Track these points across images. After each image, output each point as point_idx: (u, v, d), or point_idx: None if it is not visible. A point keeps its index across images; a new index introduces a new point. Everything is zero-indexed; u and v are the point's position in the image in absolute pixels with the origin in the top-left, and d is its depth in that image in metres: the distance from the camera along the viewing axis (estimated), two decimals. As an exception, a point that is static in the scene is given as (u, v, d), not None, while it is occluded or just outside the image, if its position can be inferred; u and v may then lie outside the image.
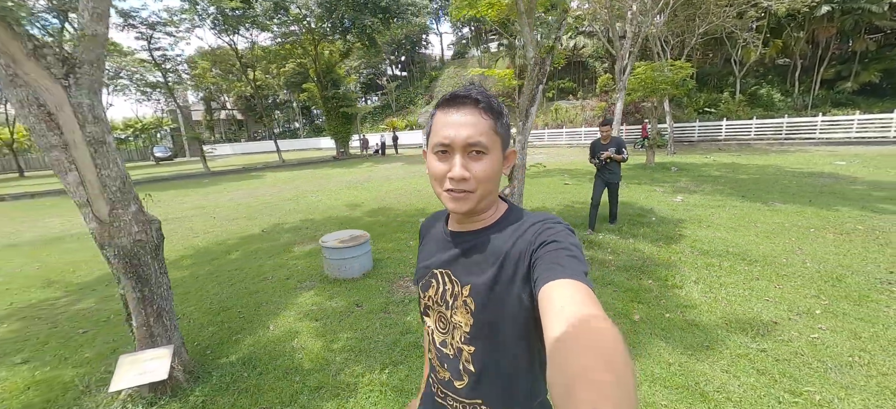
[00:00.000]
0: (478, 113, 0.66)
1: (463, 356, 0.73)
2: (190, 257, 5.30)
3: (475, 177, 0.66)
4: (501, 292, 0.67)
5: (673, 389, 2.09)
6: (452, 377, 0.76)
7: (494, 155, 0.67)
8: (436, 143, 0.68)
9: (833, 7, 17.86)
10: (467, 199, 0.67)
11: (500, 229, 0.71)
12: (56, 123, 2.04)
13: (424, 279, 0.80)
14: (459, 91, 0.68)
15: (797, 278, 3.39)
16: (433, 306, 0.79)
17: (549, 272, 0.56)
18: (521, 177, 5.65)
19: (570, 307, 0.47)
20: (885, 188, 6.97)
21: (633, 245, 4.49)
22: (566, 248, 0.60)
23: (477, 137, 0.65)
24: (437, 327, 0.79)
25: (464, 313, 0.72)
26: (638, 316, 2.86)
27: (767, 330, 2.61)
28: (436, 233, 0.83)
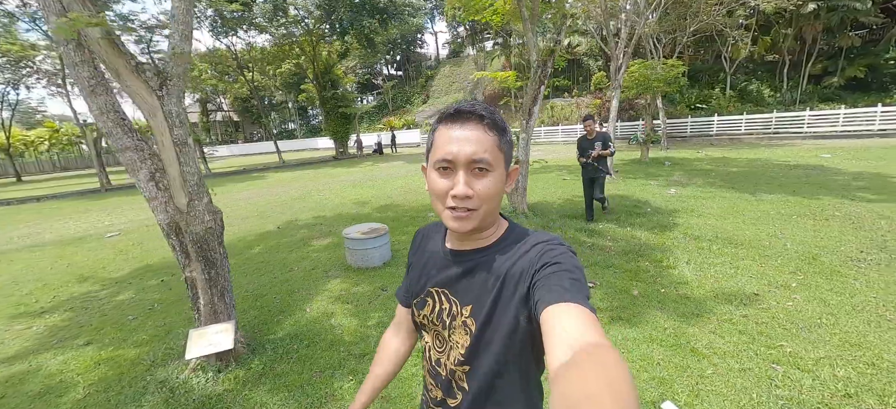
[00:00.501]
0: (482, 129, 0.65)
1: (456, 376, 0.73)
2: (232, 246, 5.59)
3: (478, 195, 0.65)
4: (502, 313, 0.67)
5: (668, 347, 2.46)
6: (445, 396, 0.76)
7: (498, 172, 0.66)
8: (438, 159, 0.66)
9: (819, 5, 18.40)
10: (470, 218, 0.66)
11: (502, 248, 0.71)
12: (129, 126, 2.37)
13: (419, 298, 0.79)
14: (463, 106, 0.67)
15: (777, 258, 3.78)
16: (429, 325, 0.78)
17: (551, 295, 0.56)
18: (525, 172, 6.03)
19: (574, 333, 0.47)
20: (864, 178, 7.42)
21: (630, 233, 4.86)
22: (568, 270, 0.59)
23: (481, 154, 0.64)
24: (433, 345, 0.78)
25: (462, 334, 0.71)
26: (636, 291, 3.23)
27: (749, 300, 2.99)
28: (433, 248, 0.81)
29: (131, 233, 7.41)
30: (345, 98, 24.53)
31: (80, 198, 14.30)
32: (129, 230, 7.65)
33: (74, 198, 14.39)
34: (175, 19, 2.11)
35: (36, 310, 4.00)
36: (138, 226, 8.01)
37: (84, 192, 15.63)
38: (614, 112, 9.30)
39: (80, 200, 13.76)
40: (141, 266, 5.25)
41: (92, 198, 13.98)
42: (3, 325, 3.68)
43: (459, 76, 41.03)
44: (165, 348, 2.93)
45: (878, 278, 3.23)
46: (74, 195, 15.04)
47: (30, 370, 2.84)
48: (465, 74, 41.24)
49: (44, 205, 13.05)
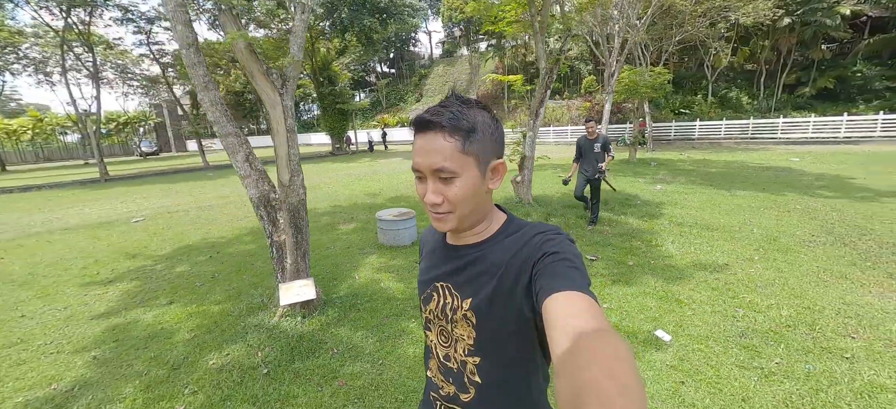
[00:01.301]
0: (442, 137, 0.64)
1: (468, 369, 0.74)
2: (249, 234, 6.11)
3: (449, 200, 0.66)
4: (502, 305, 0.67)
5: (657, 299, 3.16)
6: (458, 390, 0.76)
7: (466, 175, 0.66)
8: (412, 167, 0.69)
9: (793, 19, 19.69)
10: (447, 219, 0.68)
11: (500, 240, 0.72)
12: (230, 117, 2.94)
13: (426, 293, 0.80)
14: (424, 114, 0.66)
15: (745, 240, 4.55)
16: (434, 319, 0.79)
17: (553, 284, 0.56)
18: (530, 167, 6.72)
19: (576, 320, 0.48)
20: (825, 179, 8.37)
21: (624, 220, 5.60)
22: (568, 259, 0.60)
23: (441, 163, 0.64)
24: (439, 341, 0.79)
25: (465, 326, 0.72)
26: (632, 262, 3.94)
27: (720, 269, 3.72)
28: (435, 245, 0.83)
29: (156, 218, 7.81)
30: (342, 95, 24.90)
31: (82, 187, 14.41)
32: (153, 216, 8.05)
33: (75, 187, 14.48)
34: (293, 34, 2.69)
35: (102, 280, 4.47)
36: (160, 212, 8.40)
37: (84, 181, 15.68)
38: (607, 115, 10.07)
39: (83, 189, 13.89)
40: (181, 246, 5.73)
41: (94, 187, 14.11)
42: (78, 291, 4.16)
43: (453, 76, 41.66)
44: (244, 304, 3.49)
45: (822, 253, 4.02)
46: (75, 184, 15.11)
47: (128, 322, 3.37)
48: (458, 73, 41.89)
49: (47, 193, 13.14)
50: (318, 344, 2.75)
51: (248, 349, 2.75)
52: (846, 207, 5.92)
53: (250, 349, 2.75)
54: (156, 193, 11.40)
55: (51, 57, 24.87)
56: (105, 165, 16.76)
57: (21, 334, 3.23)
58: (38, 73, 26.86)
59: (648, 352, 2.48)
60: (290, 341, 2.78)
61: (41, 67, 26.33)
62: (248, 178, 3.06)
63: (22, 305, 3.86)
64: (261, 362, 2.57)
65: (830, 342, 2.52)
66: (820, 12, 19.17)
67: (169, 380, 2.48)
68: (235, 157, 3.00)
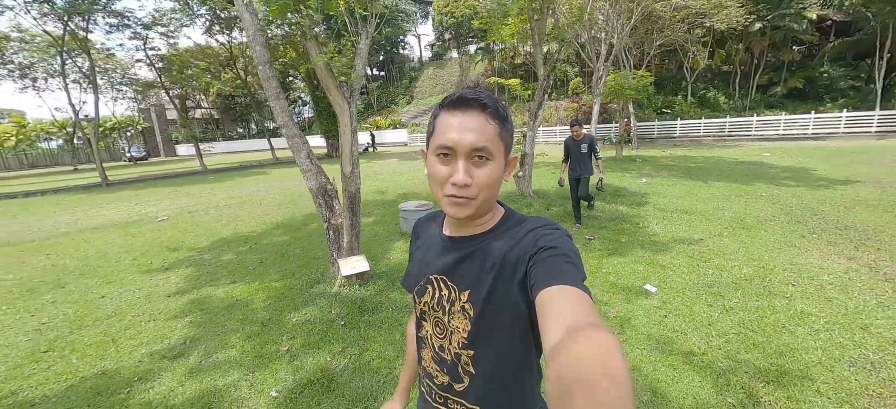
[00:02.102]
0: (484, 117, 0.65)
1: (462, 360, 0.75)
2: (278, 228, 6.67)
3: (477, 183, 0.66)
4: (500, 298, 0.68)
5: (646, 264, 3.91)
6: (452, 381, 0.77)
7: (498, 161, 0.67)
8: (439, 145, 0.67)
9: (764, 24, 21.03)
10: (468, 205, 0.67)
11: (498, 234, 0.72)
12: (295, 121, 3.57)
13: (420, 285, 0.80)
14: (467, 93, 0.66)
15: (718, 221, 5.36)
16: (430, 311, 0.79)
17: (547, 278, 0.56)
18: (530, 163, 7.45)
19: (568, 314, 0.48)
20: (791, 171, 9.35)
21: (615, 207, 6.37)
22: (564, 254, 0.60)
23: (482, 143, 0.64)
24: (434, 332, 0.80)
25: (461, 318, 0.73)
26: (624, 239, 4.70)
27: (696, 242, 4.50)
28: (431, 236, 0.83)
29: (178, 217, 8.28)
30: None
31: (86, 192, 14.61)
32: (175, 215, 8.50)
33: (78, 192, 14.66)
34: (358, 55, 3.33)
35: (158, 268, 5.01)
36: (180, 212, 8.86)
37: (86, 186, 15.85)
38: (596, 116, 10.90)
39: (88, 193, 14.10)
40: (216, 239, 6.26)
41: (99, 192, 14.34)
42: (141, 277, 4.69)
43: (443, 78, 42.40)
44: (302, 281, 4.10)
45: (779, 229, 4.84)
46: (77, 189, 15.27)
47: (202, 297, 3.94)
48: (448, 75, 42.64)
49: (53, 198, 13.33)
50: (378, 304, 3.39)
51: (321, 309, 3.38)
52: (804, 193, 6.83)
53: (322, 309, 3.38)
54: (165, 196, 11.77)
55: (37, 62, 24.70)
56: (105, 170, 16.91)
57: (111, 310, 3.78)
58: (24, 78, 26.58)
59: (640, 299, 3.21)
60: (356, 302, 3.42)
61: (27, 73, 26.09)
62: (309, 172, 3.69)
63: (95, 289, 4.39)
64: (336, 317, 3.21)
65: (776, 288, 3.28)
66: (788, 17, 20.53)
67: (263, 333, 3.09)
68: (299, 154, 3.63)
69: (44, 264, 5.47)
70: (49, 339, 3.24)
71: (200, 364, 2.72)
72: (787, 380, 2.17)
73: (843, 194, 6.61)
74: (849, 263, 3.74)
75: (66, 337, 3.25)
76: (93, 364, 2.81)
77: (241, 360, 2.73)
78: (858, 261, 3.77)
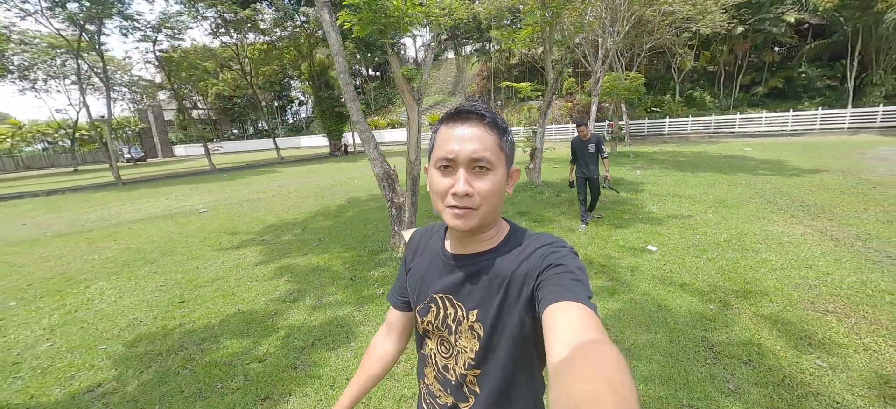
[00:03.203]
0: (483, 128, 0.66)
1: (468, 380, 0.75)
2: (317, 215, 7.48)
3: (479, 193, 0.66)
4: (508, 316, 0.69)
5: (645, 233, 4.86)
6: (457, 401, 0.77)
7: (499, 172, 0.67)
8: (439, 157, 0.67)
9: (746, 28, 22.35)
10: (470, 216, 0.67)
11: (505, 251, 0.72)
12: (364, 119, 4.42)
13: (423, 304, 0.79)
14: (465, 106, 0.68)
15: (703, 202, 6.35)
16: (434, 330, 0.78)
17: (554, 295, 0.57)
18: (540, 157, 8.39)
19: (575, 331, 0.48)
20: (768, 163, 10.45)
21: (615, 194, 7.34)
22: (571, 271, 0.61)
23: (482, 153, 0.65)
24: (439, 351, 0.79)
25: (470, 338, 0.72)
26: (627, 217, 5.65)
27: (685, 217, 5.47)
28: (432, 252, 0.82)
29: (216, 210, 9.02)
30: (339, 99, 26.06)
31: (105, 190, 15.13)
32: (212, 208, 9.23)
33: (99, 191, 15.18)
34: (425, 65, 4.19)
35: (230, 246, 5.79)
36: (216, 205, 9.59)
37: (103, 185, 16.36)
38: (593, 115, 11.90)
39: (108, 192, 14.63)
40: (267, 225, 7.05)
41: (118, 190, 14.88)
42: (219, 253, 5.47)
43: (439, 78, 43.30)
44: (367, 251, 4.95)
45: (754, 207, 5.84)
46: (93, 188, 15.78)
47: (286, 264, 4.76)
48: (444, 75, 43.58)
49: (74, 196, 13.85)
50: (438, 263, 4.27)
51: (393, 268, 4.24)
52: (777, 180, 7.88)
53: (394, 268, 4.24)
54: (188, 193, 12.43)
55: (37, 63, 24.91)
56: (119, 170, 17.39)
57: (212, 276, 4.57)
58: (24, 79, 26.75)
59: (644, 255, 4.15)
60: (419, 263, 4.29)
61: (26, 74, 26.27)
62: (376, 160, 4.55)
63: (184, 263, 5.16)
64: (409, 272, 4.07)
65: (747, 246, 4.25)
66: (768, 21, 21.88)
67: (355, 284, 3.94)
68: (368, 145, 4.49)
69: (119, 248, 6.21)
70: (176, 295, 4.04)
71: (317, 304, 3.57)
72: (750, 295, 3.12)
73: (810, 181, 7.68)
74: (805, 229, 4.74)
75: (190, 293, 4.06)
76: (228, 308, 3.63)
77: (347, 300, 3.59)
78: (813, 228, 4.77)
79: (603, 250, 4.42)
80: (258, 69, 29.20)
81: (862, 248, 4.02)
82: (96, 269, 5.13)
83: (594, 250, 4.44)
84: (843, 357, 2.33)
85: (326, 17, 4.05)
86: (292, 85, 44.90)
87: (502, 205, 0.72)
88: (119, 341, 3.15)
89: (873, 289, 3.10)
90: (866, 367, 2.24)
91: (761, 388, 2.12)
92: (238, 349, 2.87)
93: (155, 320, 3.48)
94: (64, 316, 3.71)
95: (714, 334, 2.64)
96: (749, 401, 2.03)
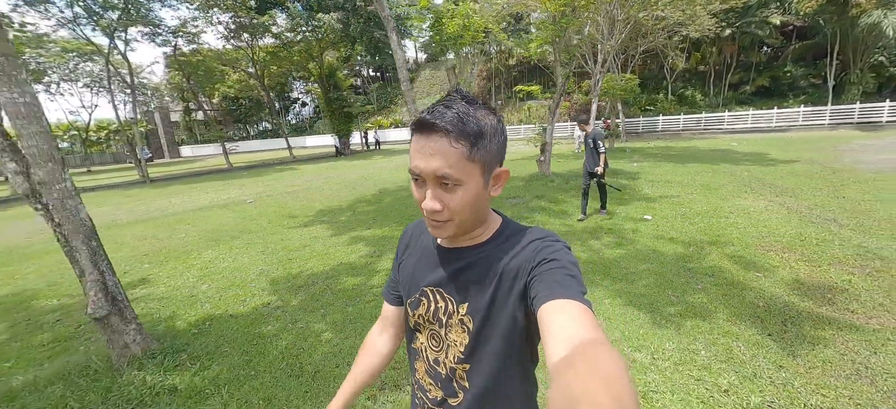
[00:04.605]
0: (448, 142, 0.61)
1: (457, 374, 0.74)
2: (359, 202, 8.62)
3: (449, 208, 0.64)
4: (498, 310, 0.68)
5: (642, 208, 6.08)
6: (447, 395, 0.77)
7: (470, 184, 0.64)
8: (410, 169, 0.66)
9: (734, 30, 23.72)
10: (444, 227, 0.67)
11: (496, 245, 0.71)
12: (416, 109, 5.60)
13: (414, 298, 0.79)
14: (428, 117, 0.62)
15: (690, 186, 7.59)
16: (425, 323, 0.79)
17: (548, 292, 0.57)
18: (549, 151, 9.59)
19: (572, 329, 0.49)
20: (751, 156, 11.75)
21: (616, 181, 8.57)
22: (564, 267, 0.61)
23: (445, 170, 0.61)
24: (429, 345, 0.79)
25: (459, 332, 0.73)
26: (627, 196, 6.87)
27: (675, 197, 6.71)
28: (424, 245, 0.82)
29: (262, 201, 10.11)
30: (347, 99, 27.12)
31: (139, 187, 16.14)
32: (258, 200, 10.33)
33: (131, 188, 16.18)
34: (471, 73, 5.32)
35: (299, 225, 6.92)
36: (259, 197, 10.69)
37: (132, 183, 17.37)
38: (594, 114, 13.14)
39: (143, 188, 15.65)
40: (319, 210, 8.17)
41: (150, 187, 15.89)
42: (292, 230, 6.59)
43: (439, 79, 44.36)
44: (417, 225, 6.11)
45: (731, 189, 7.09)
46: (125, 186, 16.78)
47: (356, 236, 5.89)
48: (443, 76, 44.65)
49: (112, 193, 14.86)
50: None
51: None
52: (755, 170, 9.15)
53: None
54: (223, 188, 13.50)
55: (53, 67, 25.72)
56: (145, 169, 18.38)
57: (298, 244, 5.69)
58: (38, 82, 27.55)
59: (641, 223, 5.36)
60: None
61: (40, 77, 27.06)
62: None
63: (265, 236, 6.28)
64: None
65: (722, 215, 5.48)
66: (754, 24, 23.26)
67: (420, 246, 5.10)
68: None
69: (197, 230, 7.30)
70: (281, 256, 5.17)
71: (397, 258, 4.73)
72: (718, 243, 4.34)
73: (783, 169, 8.96)
74: (768, 203, 5.98)
75: (291, 255, 5.19)
76: (331, 262, 4.78)
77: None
78: (775, 202, 6.02)
79: (611, 220, 5.63)
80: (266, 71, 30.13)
81: (807, 213, 5.26)
82: (194, 243, 6.25)
83: (604, 220, 5.64)
84: (774, 273, 3.54)
85: (394, 38, 5.20)
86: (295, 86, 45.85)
87: (487, 207, 0.72)
88: (262, 280, 4.30)
89: (805, 237, 4.33)
90: (787, 276, 3.45)
91: (718, 288, 3.32)
92: (356, 283, 4.03)
93: (278, 269, 4.63)
94: (200, 271, 4.84)
95: (690, 264, 3.85)
96: (710, 294, 3.23)
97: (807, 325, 2.69)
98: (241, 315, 3.51)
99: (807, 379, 2.17)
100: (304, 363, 2.68)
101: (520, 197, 7.61)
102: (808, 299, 3.04)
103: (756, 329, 2.67)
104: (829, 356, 2.35)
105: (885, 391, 2.05)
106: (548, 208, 6.63)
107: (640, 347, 2.56)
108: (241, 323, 3.34)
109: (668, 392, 2.12)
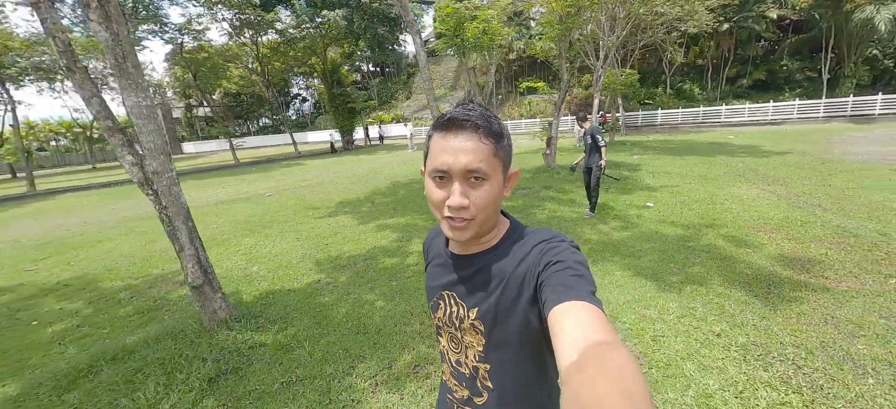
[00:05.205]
0: (477, 138, 0.64)
1: (480, 374, 0.76)
2: (375, 194, 9.10)
3: (474, 204, 0.66)
4: (508, 314, 0.69)
5: (644, 196, 6.60)
6: (472, 394, 0.79)
7: (495, 180, 0.66)
8: (433, 168, 0.67)
9: (731, 24, 24.16)
10: (467, 227, 0.67)
11: (504, 249, 0.73)
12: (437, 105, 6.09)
13: (433, 301, 0.83)
14: (458, 114, 0.66)
15: (688, 177, 8.11)
16: (444, 326, 0.82)
17: (557, 295, 0.57)
18: (555, 145, 10.08)
19: (582, 331, 0.48)
20: (746, 148, 12.27)
21: (619, 172, 9.09)
22: (571, 267, 0.61)
23: (476, 164, 0.64)
24: (450, 347, 0.82)
25: (474, 334, 0.75)
26: (630, 186, 7.39)
27: (674, 187, 7.22)
28: (438, 251, 0.86)
29: (280, 194, 10.58)
30: (350, 95, 27.46)
31: (152, 183, 16.50)
32: (276, 192, 10.80)
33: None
34: (488, 75, 5.78)
35: (324, 215, 7.40)
36: (278, 190, 11.15)
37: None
38: (596, 109, 13.61)
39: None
40: (337, 202, 8.65)
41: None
42: (319, 220, 7.07)
43: (439, 74, 44.65)
44: (437, 213, 6.60)
45: (727, 179, 7.61)
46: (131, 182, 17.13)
47: (380, 224, 6.38)
48: (444, 71, 44.86)
49: (127, 188, 15.25)
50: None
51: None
52: (750, 161, 9.68)
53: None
54: (237, 182, 13.94)
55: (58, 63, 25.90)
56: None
57: (329, 232, 6.18)
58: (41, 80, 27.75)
59: (645, 209, 5.87)
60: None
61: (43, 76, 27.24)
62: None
63: (296, 226, 6.76)
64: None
65: (717, 201, 6.00)
66: (751, 19, 23.70)
67: (444, 231, 5.60)
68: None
69: (226, 221, 7.77)
70: (316, 242, 5.66)
71: (425, 242, 5.23)
72: (714, 226, 4.86)
73: (776, 160, 9.49)
74: (760, 191, 6.51)
75: (325, 241, 5.68)
76: (365, 246, 5.27)
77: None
78: (766, 190, 6.54)
79: (617, 207, 6.14)
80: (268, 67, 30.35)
81: (795, 200, 5.79)
82: (230, 232, 6.73)
83: (611, 207, 6.15)
84: (762, 249, 4.07)
85: (418, 41, 5.66)
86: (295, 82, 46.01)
87: (499, 208, 0.73)
88: (307, 262, 4.79)
89: (791, 220, 4.86)
90: (773, 252, 3.97)
91: (713, 261, 3.85)
92: (394, 262, 4.54)
93: (318, 253, 5.12)
94: (245, 255, 5.33)
95: (689, 243, 4.37)
96: (706, 266, 3.75)
97: (787, 288, 3.21)
98: (297, 290, 4.00)
99: (784, 326, 2.69)
100: (367, 323, 3.18)
101: (529, 188, 8.12)
102: (789, 269, 3.56)
103: (744, 292, 3.19)
104: (803, 310, 2.88)
105: (845, 333, 2.57)
106: (557, 197, 7.14)
107: (649, 306, 3.08)
108: (300, 296, 3.84)
109: (672, 336, 2.64)
